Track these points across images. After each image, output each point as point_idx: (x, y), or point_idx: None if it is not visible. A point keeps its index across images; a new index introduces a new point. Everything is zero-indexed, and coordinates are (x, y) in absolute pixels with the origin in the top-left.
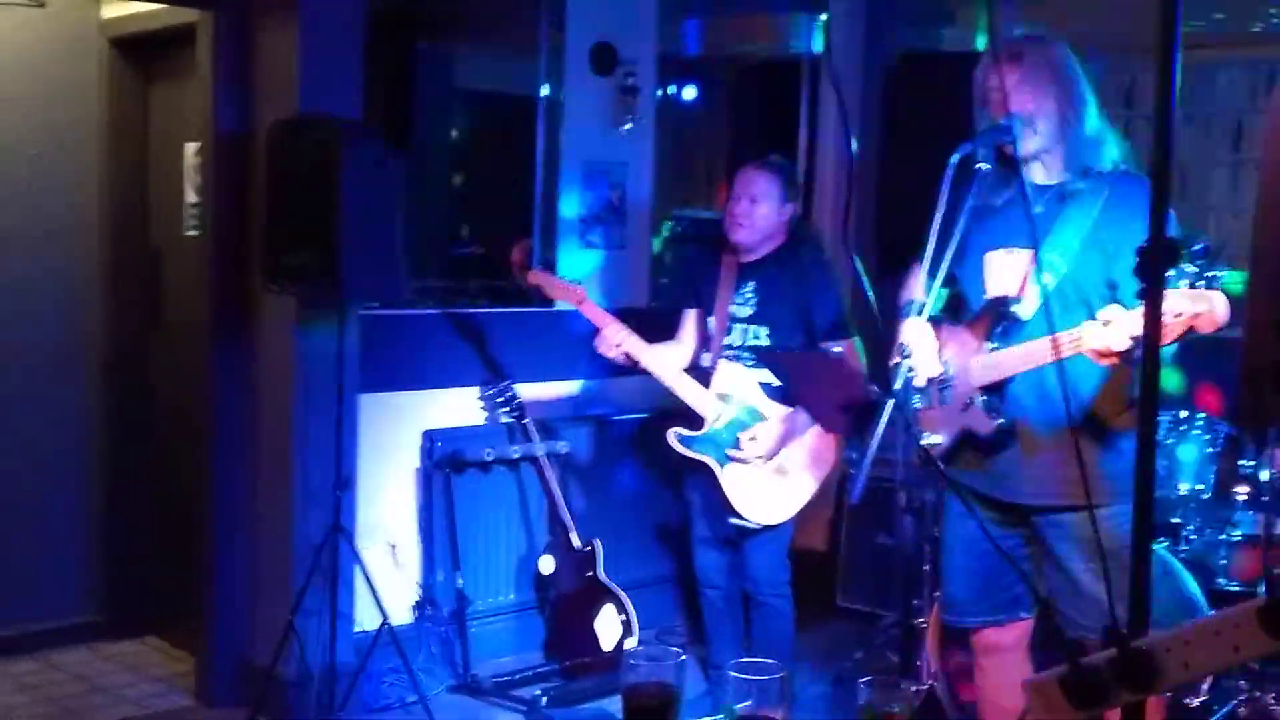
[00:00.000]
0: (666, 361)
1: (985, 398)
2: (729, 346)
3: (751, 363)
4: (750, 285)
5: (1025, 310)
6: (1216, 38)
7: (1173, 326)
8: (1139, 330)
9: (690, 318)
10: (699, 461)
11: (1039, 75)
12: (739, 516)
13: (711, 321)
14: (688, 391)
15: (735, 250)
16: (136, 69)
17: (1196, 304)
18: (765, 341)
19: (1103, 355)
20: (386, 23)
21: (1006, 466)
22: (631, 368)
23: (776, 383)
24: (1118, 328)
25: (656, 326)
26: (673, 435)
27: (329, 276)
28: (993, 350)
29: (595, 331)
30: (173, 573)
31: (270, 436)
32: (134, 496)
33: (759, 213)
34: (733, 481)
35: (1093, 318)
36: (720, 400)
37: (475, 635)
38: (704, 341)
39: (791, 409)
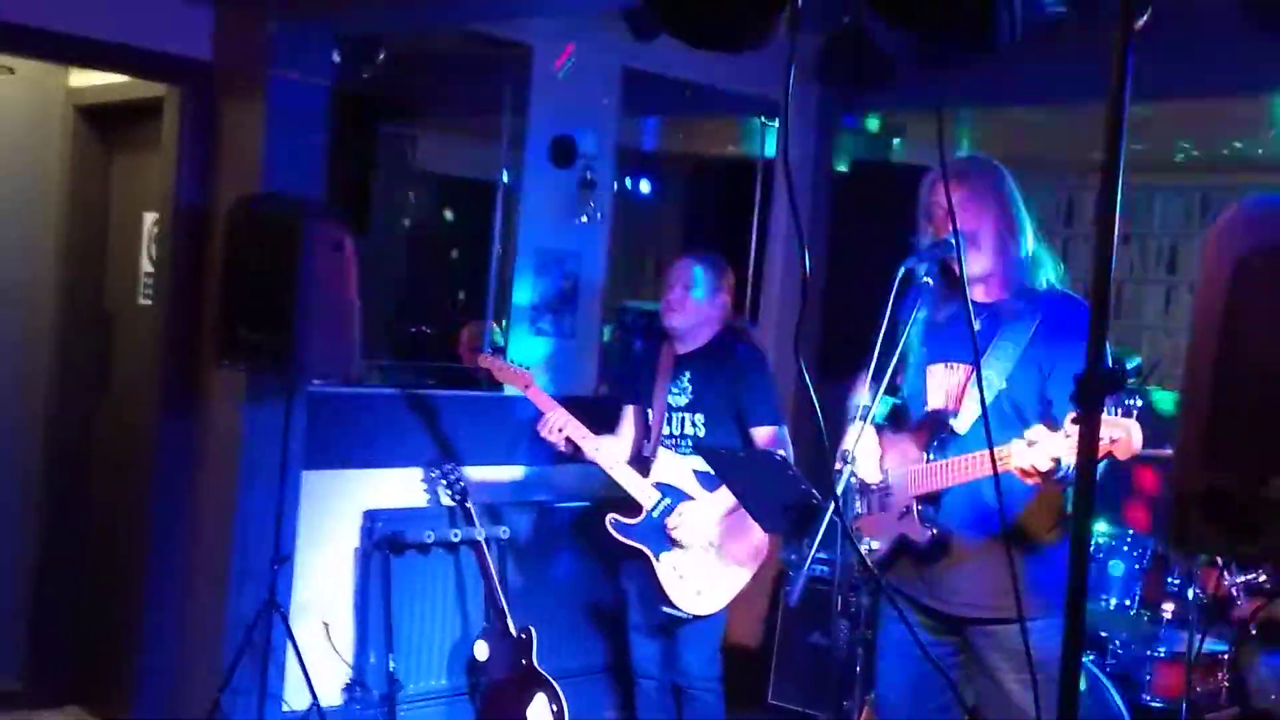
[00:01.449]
0: (608, 450)
1: (921, 507)
2: (668, 435)
3: (688, 450)
4: (686, 375)
5: (961, 425)
6: (1151, 163)
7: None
8: (1060, 451)
9: (629, 413)
10: (635, 550)
11: (982, 196)
12: (672, 605)
13: (650, 414)
14: (627, 480)
15: (672, 342)
16: (101, 138)
17: (1113, 431)
18: (701, 430)
19: (1027, 474)
20: (350, 104)
21: (940, 576)
22: (572, 455)
23: (710, 470)
24: (1041, 449)
25: (603, 416)
26: (610, 521)
27: (283, 355)
28: (929, 462)
29: (540, 416)
30: (100, 643)
31: (210, 508)
32: (66, 560)
33: (690, 301)
34: (667, 570)
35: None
36: (657, 489)
37: None
38: (644, 434)
39: (719, 495)
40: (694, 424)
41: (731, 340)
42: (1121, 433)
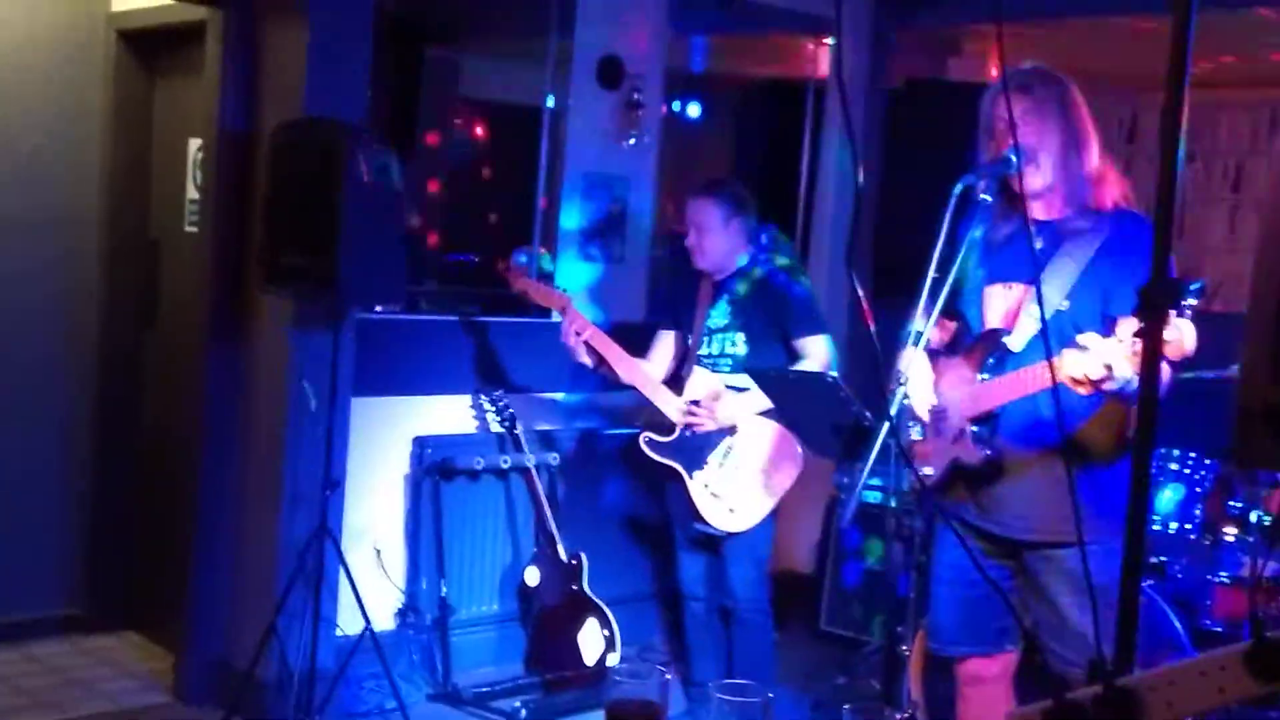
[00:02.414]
0: (637, 366)
1: (976, 429)
2: (705, 355)
3: (728, 368)
4: (725, 298)
5: (1016, 343)
6: (1220, 78)
7: (1137, 355)
8: (1113, 357)
9: (663, 338)
10: (671, 468)
11: (1045, 110)
12: (705, 523)
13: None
14: (660, 397)
15: (709, 273)
16: (143, 63)
17: (1165, 331)
18: (742, 349)
19: (1079, 383)
20: (395, 28)
21: (996, 499)
22: (597, 367)
23: (744, 386)
24: (1093, 355)
25: (647, 341)
26: (643, 440)
27: (327, 280)
28: (982, 381)
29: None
30: (155, 569)
31: (261, 436)
32: (120, 490)
33: (706, 242)
34: (699, 488)
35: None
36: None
37: (457, 644)
38: (681, 360)
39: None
40: (733, 343)
41: (765, 258)
42: (1173, 333)
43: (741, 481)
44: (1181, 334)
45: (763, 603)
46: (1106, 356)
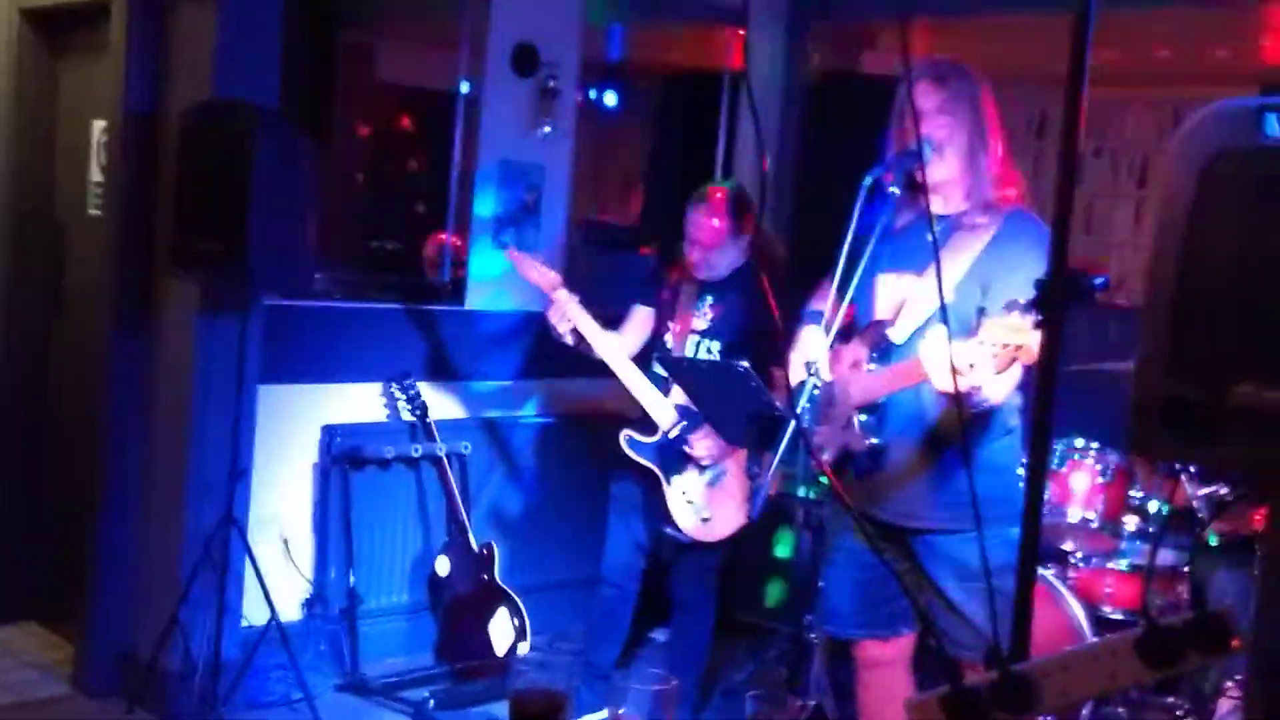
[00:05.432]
0: (625, 360)
1: (864, 418)
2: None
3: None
4: (708, 300)
5: (898, 334)
6: (1122, 73)
7: (1000, 356)
8: (975, 357)
9: (637, 313)
10: (639, 466)
11: (957, 104)
12: (675, 528)
13: (668, 327)
14: (647, 397)
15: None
16: (46, 43)
17: (1016, 336)
18: (717, 356)
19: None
20: (308, 12)
21: (881, 486)
22: (575, 347)
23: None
24: (958, 352)
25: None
26: (624, 439)
27: (236, 264)
28: (868, 371)
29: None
30: (56, 558)
31: (167, 423)
32: (21, 476)
33: (712, 258)
34: (676, 494)
35: None
36: (677, 412)
37: (366, 635)
38: (653, 338)
39: None
40: (708, 351)
41: (755, 271)
42: (1025, 338)
43: (721, 497)
44: (1033, 338)
45: (710, 599)
46: (969, 356)
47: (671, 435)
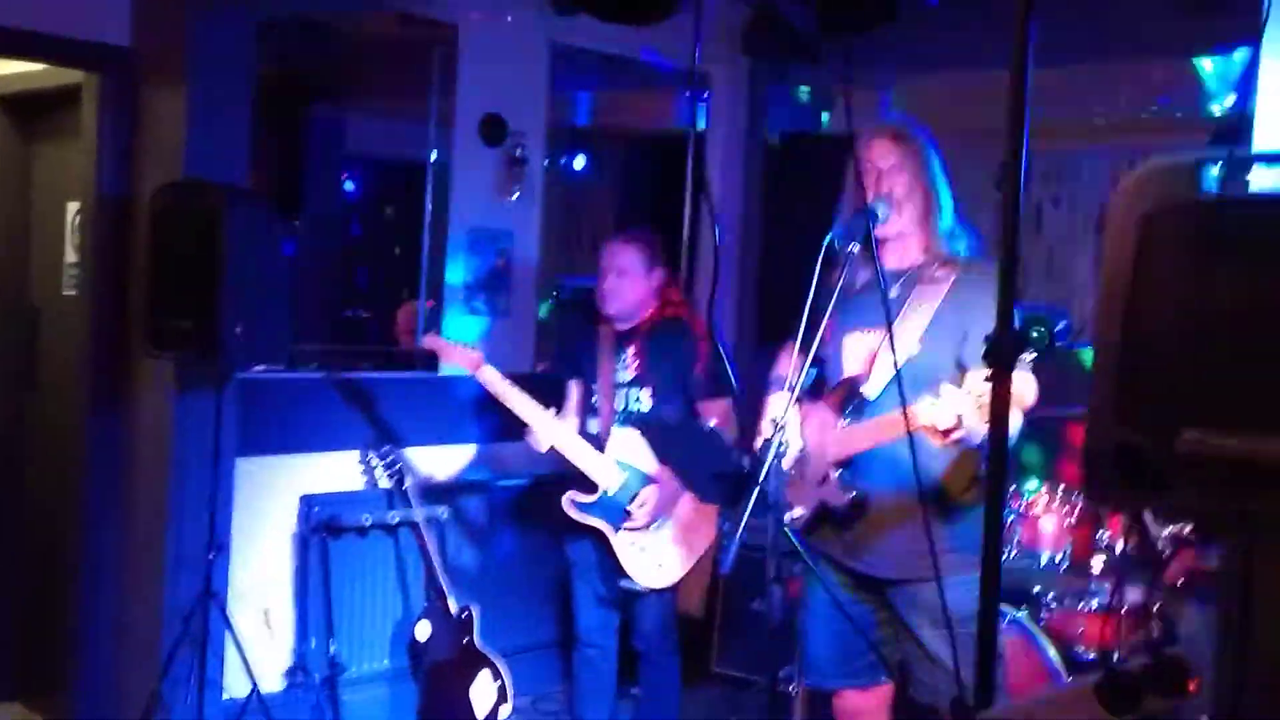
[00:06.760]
0: (557, 429)
1: (840, 472)
2: (614, 412)
3: (630, 424)
4: (629, 351)
5: (871, 390)
6: (1078, 125)
7: (986, 405)
8: (962, 408)
9: (572, 390)
10: (589, 525)
11: (914, 163)
12: (629, 580)
13: (596, 391)
14: (584, 459)
15: (610, 319)
16: (20, 127)
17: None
18: (646, 404)
19: (932, 433)
20: (276, 88)
21: (859, 539)
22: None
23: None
24: (945, 405)
25: (541, 392)
26: (568, 500)
27: (210, 342)
28: (844, 427)
29: (482, 396)
30: (37, 638)
31: (144, 499)
32: (1, 559)
33: (625, 286)
34: (625, 545)
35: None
36: (617, 467)
37: (348, 702)
38: (584, 409)
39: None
40: (637, 399)
41: (672, 314)
42: (1015, 386)
43: (666, 537)
44: (1021, 389)
45: (675, 644)
46: (957, 407)
47: (611, 493)
